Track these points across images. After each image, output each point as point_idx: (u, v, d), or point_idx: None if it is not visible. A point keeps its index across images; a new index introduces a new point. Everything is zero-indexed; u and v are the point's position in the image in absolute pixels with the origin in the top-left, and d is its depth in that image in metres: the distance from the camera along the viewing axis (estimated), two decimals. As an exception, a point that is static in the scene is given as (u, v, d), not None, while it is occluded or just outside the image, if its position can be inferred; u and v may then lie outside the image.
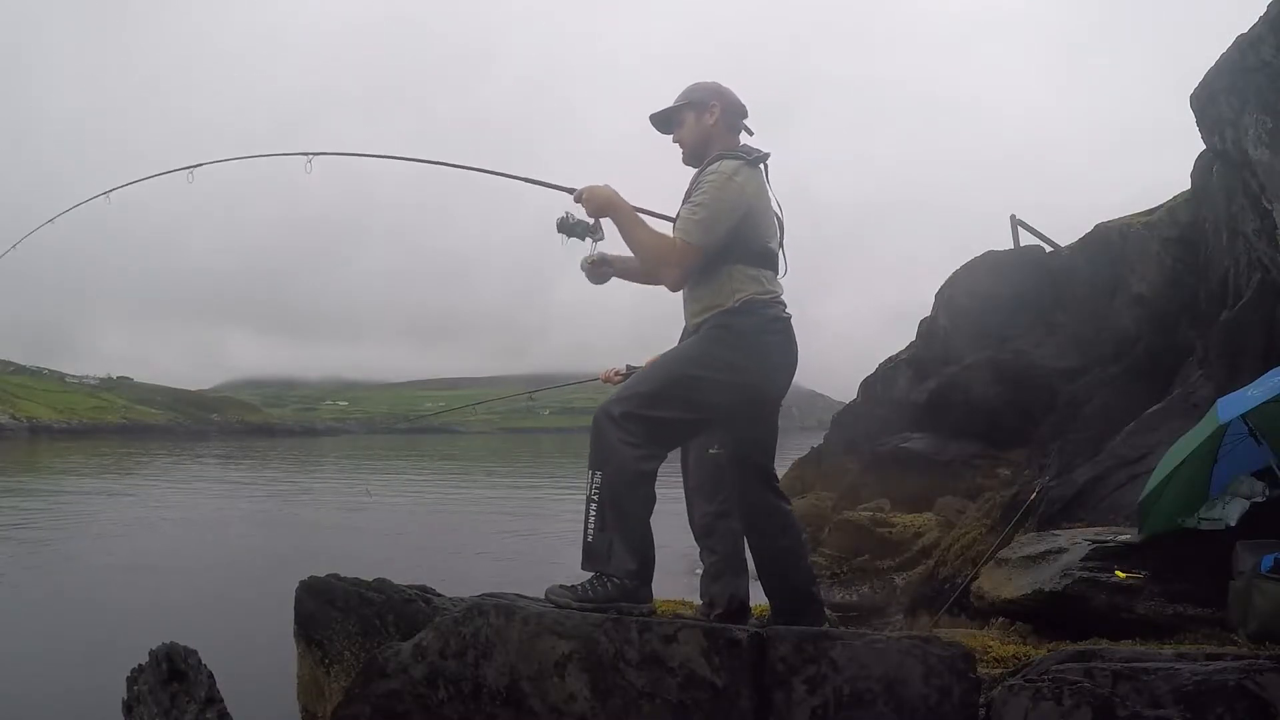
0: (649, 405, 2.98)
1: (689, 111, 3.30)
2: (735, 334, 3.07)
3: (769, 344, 3.12)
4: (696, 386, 3.03)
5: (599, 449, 2.96)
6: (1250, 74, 6.60)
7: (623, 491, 2.92)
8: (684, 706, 2.45)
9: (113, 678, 3.47)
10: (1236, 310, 6.78)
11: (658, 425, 2.99)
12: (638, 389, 3.04)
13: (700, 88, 3.32)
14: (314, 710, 3.38)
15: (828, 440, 17.77)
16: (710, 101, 3.28)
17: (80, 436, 71.76)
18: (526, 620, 2.61)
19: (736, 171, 3.09)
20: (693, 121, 3.30)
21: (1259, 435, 4.39)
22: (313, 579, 3.49)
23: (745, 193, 3.09)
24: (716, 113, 3.27)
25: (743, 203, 3.08)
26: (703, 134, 3.28)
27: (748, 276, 3.10)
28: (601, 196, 3.16)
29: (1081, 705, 2.30)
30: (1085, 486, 6.39)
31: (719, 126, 3.27)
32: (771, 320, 3.12)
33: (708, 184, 3.08)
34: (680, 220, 3.15)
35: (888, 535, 9.33)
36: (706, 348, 3.09)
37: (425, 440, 64.00)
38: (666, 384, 3.03)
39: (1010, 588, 4.93)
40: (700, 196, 3.08)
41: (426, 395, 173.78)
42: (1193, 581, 4.29)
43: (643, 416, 2.97)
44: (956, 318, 14.05)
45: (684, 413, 3.04)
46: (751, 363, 3.07)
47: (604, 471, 2.93)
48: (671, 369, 3.10)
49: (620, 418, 2.95)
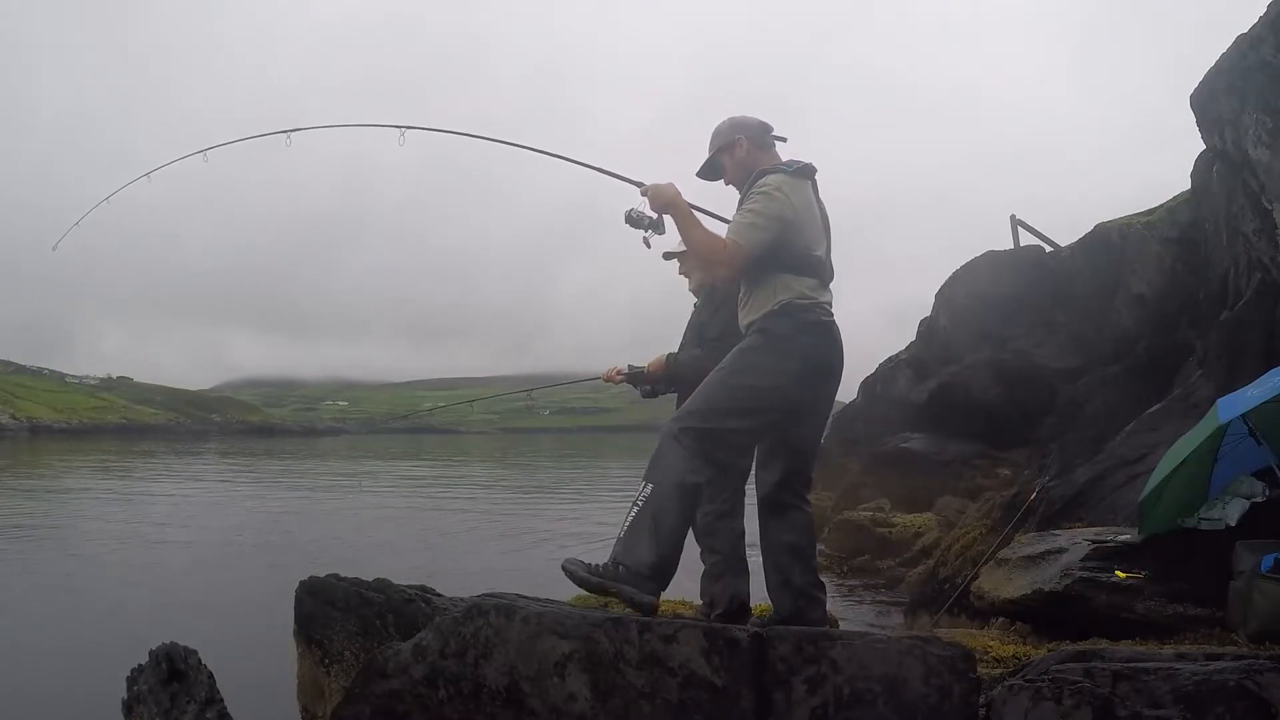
0: (702, 419, 3.16)
1: (723, 155, 3.55)
2: (770, 337, 3.24)
3: (803, 344, 3.25)
4: (740, 394, 3.19)
5: (655, 464, 3.14)
6: (1250, 74, 6.60)
7: (665, 502, 3.07)
8: (684, 706, 2.45)
9: (113, 678, 3.46)
10: (1236, 310, 6.78)
11: (711, 437, 3.14)
12: (691, 406, 3.23)
13: (721, 131, 3.56)
14: (314, 710, 3.37)
15: (828, 440, 17.78)
16: (735, 137, 3.51)
17: (80, 436, 71.77)
18: (526, 620, 2.61)
19: (782, 183, 3.30)
20: (730, 162, 3.54)
21: (1259, 435, 4.39)
22: (313, 579, 3.49)
23: (791, 203, 3.28)
24: (745, 144, 3.50)
25: (789, 212, 3.27)
26: (743, 166, 3.50)
27: (790, 283, 3.28)
28: (666, 195, 3.36)
29: (1081, 705, 2.29)
30: (1085, 486, 6.39)
31: (752, 153, 3.50)
32: (809, 324, 3.26)
33: (758, 194, 3.30)
34: (733, 224, 3.37)
35: (888, 535, 9.33)
36: (743, 356, 3.27)
37: (425, 440, 64.05)
38: (714, 396, 3.20)
39: (1010, 588, 4.93)
40: (750, 204, 3.30)
41: (426, 395, 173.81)
42: (1193, 581, 4.29)
43: (697, 430, 3.14)
44: (956, 318, 14.05)
45: (737, 421, 3.19)
46: (788, 364, 3.22)
47: (654, 483, 3.10)
48: (715, 382, 3.25)
49: (679, 434, 3.14)
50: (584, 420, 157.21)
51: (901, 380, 14.67)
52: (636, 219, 3.48)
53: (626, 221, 3.48)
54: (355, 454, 43.55)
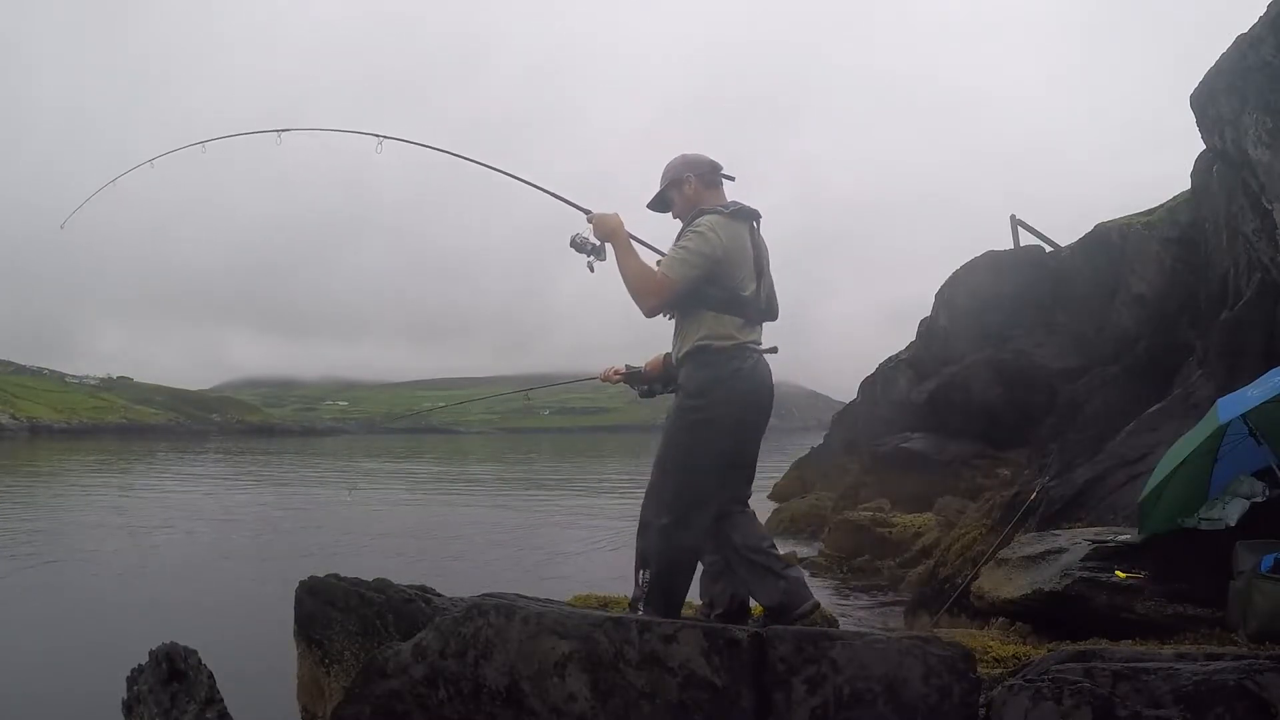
0: (675, 496, 3.48)
1: (672, 190, 3.75)
2: (696, 406, 3.51)
3: (728, 398, 3.50)
4: (695, 477, 3.48)
5: (643, 551, 3.48)
6: (1250, 74, 6.60)
7: (667, 581, 3.45)
8: (684, 706, 2.45)
9: (113, 678, 3.46)
10: (1236, 310, 6.78)
11: (683, 499, 3.47)
12: (659, 498, 3.52)
13: (671, 166, 3.76)
14: (314, 710, 3.38)
15: (828, 440, 17.78)
16: (684, 175, 3.72)
17: (80, 436, 71.75)
18: (526, 620, 2.61)
19: (715, 224, 3.51)
20: (678, 197, 3.74)
21: (1259, 435, 4.39)
22: (313, 579, 3.49)
23: (721, 243, 3.48)
24: (693, 182, 3.70)
25: (719, 251, 3.47)
26: (690, 203, 3.69)
27: (713, 321, 3.50)
28: (609, 225, 3.57)
29: (1081, 705, 2.29)
30: (1085, 486, 6.38)
31: (699, 191, 3.70)
32: (730, 374, 3.51)
33: (692, 233, 3.51)
34: (665, 259, 3.57)
35: (888, 535, 9.33)
36: (676, 419, 3.57)
37: (425, 440, 64.01)
38: (672, 471, 3.51)
39: (1010, 588, 4.93)
40: (684, 241, 3.52)
41: (426, 395, 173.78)
42: (1193, 581, 4.29)
43: (672, 504, 3.47)
44: (956, 318, 14.06)
45: (697, 477, 3.49)
46: (721, 425, 3.49)
47: (651, 570, 3.45)
48: (665, 457, 3.55)
49: (658, 524, 3.46)
50: (584, 420, 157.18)
51: (901, 380, 14.68)
52: (580, 244, 3.65)
53: (571, 245, 3.65)
54: (355, 454, 43.54)
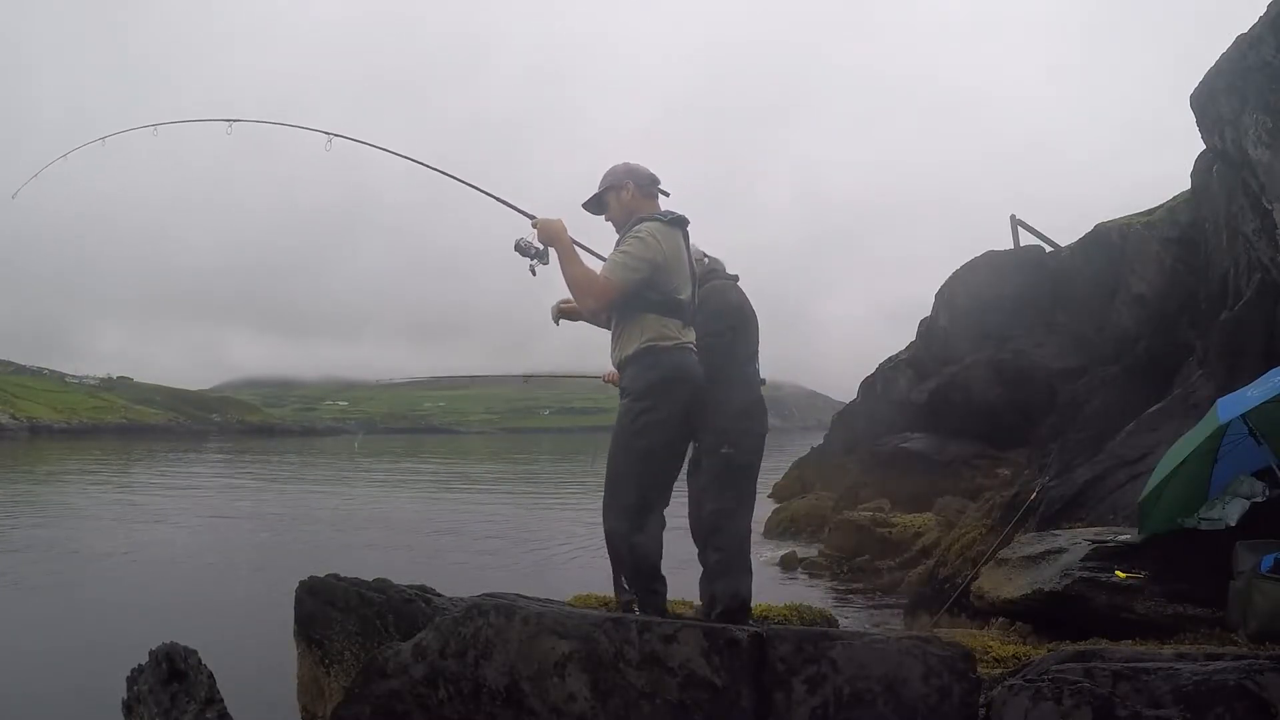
0: (639, 498, 3.54)
1: (610, 194, 3.83)
2: (643, 393, 3.56)
3: (669, 392, 3.57)
4: (649, 454, 3.56)
5: (617, 568, 3.59)
6: (1250, 74, 6.60)
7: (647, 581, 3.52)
8: (684, 706, 2.45)
9: (113, 678, 3.46)
10: (1236, 310, 6.78)
11: (646, 500, 3.55)
12: (622, 503, 3.56)
13: (613, 172, 3.84)
14: (314, 710, 3.37)
15: (828, 440, 17.79)
16: (624, 181, 3.80)
17: (80, 436, 71.70)
18: (526, 620, 2.61)
19: (655, 230, 3.62)
20: (614, 201, 3.82)
21: (1259, 435, 4.39)
22: (313, 579, 3.49)
23: (662, 248, 3.60)
24: (631, 188, 3.79)
25: (659, 256, 3.58)
26: (626, 209, 3.79)
27: (655, 323, 3.59)
28: (552, 230, 3.65)
29: (1081, 705, 2.29)
30: (1085, 486, 6.39)
31: (636, 199, 3.79)
32: (672, 369, 3.59)
33: (633, 238, 3.62)
34: (608, 262, 3.68)
35: (888, 535, 9.33)
36: (628, 423, 3.61)
37: (426, 440, 63.99)
38: (630, 475, 3.56)
39: (1010, 588, 4.93)
40: (625, 246, 3.62)
41: (426, 395, 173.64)
42: (1193, 581, 4.29)
43: (638, 507, 3.53)
44: (956, 318, 14.05)
45: (658, 477, 3.60)
46: (667, 421, 3.58)
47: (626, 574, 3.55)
48: (621, 462, 3.60)
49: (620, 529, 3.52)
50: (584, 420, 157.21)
51: (901, 380, 14.68)
52: (524, 248, 3.70)
53: (515, 249, 3.70)
54: (354, 453, 43.54)
